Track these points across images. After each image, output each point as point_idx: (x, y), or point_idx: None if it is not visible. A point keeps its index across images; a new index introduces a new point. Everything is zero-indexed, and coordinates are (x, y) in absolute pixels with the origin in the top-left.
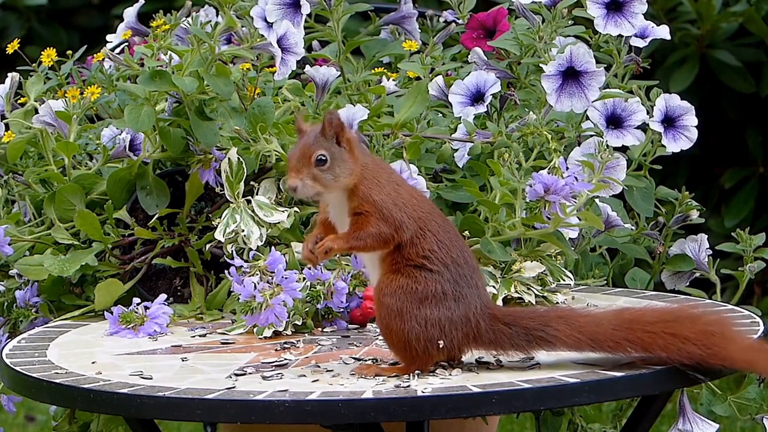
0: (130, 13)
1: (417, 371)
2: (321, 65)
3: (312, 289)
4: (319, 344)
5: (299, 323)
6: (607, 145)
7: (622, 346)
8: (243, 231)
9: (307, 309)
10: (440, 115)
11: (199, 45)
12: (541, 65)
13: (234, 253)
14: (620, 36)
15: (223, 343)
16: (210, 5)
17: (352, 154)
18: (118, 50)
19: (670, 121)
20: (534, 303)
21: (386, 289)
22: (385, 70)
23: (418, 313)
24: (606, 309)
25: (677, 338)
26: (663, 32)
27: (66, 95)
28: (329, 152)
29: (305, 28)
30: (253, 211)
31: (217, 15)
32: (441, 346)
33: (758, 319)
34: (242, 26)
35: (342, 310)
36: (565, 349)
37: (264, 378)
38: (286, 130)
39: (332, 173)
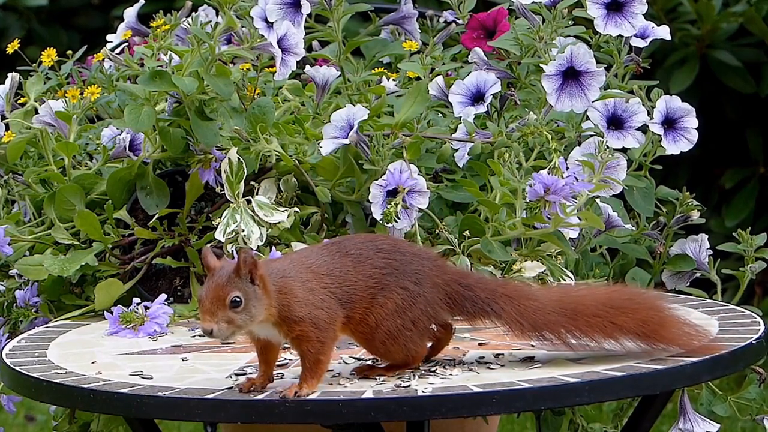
0: (130, 13)
1: (416, 365)
2: (321, 65)
3: None
4: None
5: None
6: (608, 146)
7: (562, 336)
8: (243, 231)
9: None
10: (440, 115)
11: (199, 45)
12: (541, 65)
13: (234, 253)
14: (620, 36)
15: (223, 343)
16: (210, 5)
17: (265, 290)
18: (118, 50)
19: (670, 123)
20: None
21: (370, 327)
22: (385, 70)
23: (402, 323)
24: (547, 291)
25: (618, 328)
26: (663, 32)
27: (66, 95)
28: (243, 293)
29: (305, 28)
30: (253, 211)
31: (217, 15)
32: (435, 329)
33: (759, 320)
34: (242, 26)
35: None
36: (506, 328)
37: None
38: (286, 130)
39: (247, 313)
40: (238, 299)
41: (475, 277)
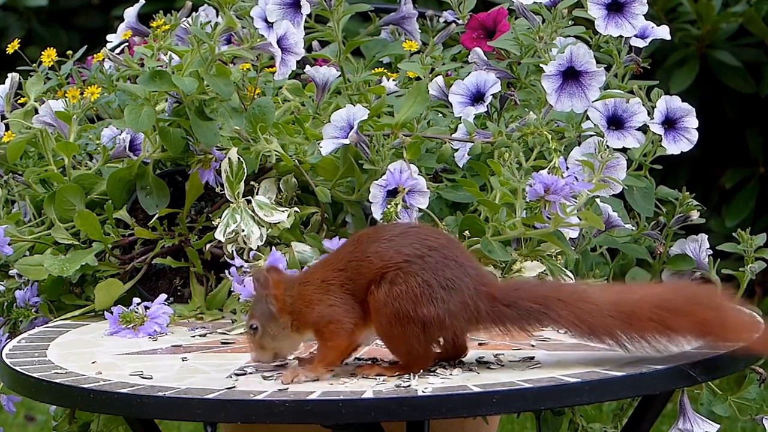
0: (130, 13)
1: (419, 370)
2: (321, 65)
3: None
4: None
5: None
6: (608, 146)
7: (618, 337)
8: (243, 231)
9: None
10: (440, 115)
11: (199, 45)
12: (541, 65)
13: (234, 253)
14: (620, 36)
15: (223, 343)
16: (210, 5)
17: (281, 306)
18: (118, 50)
19: (670, 123)
20: None
21: (378, 302)
22: (385, 71)
23: (413, 314)
24: (603, 292)
25: (675, 331)
26: (663, 33)
27: (66, 95)
28: (259, 318)
29: (305, 28)
30: (253, 211)
31: (217, 15)
32: (441, 342)
33: (759, 320)
34: (242, 26)
35: None
36: (564, 331)
37: (264, 378)
38: (286, 130)
39: (269, 336)
40: (255, 326)
41: (518, 292)
